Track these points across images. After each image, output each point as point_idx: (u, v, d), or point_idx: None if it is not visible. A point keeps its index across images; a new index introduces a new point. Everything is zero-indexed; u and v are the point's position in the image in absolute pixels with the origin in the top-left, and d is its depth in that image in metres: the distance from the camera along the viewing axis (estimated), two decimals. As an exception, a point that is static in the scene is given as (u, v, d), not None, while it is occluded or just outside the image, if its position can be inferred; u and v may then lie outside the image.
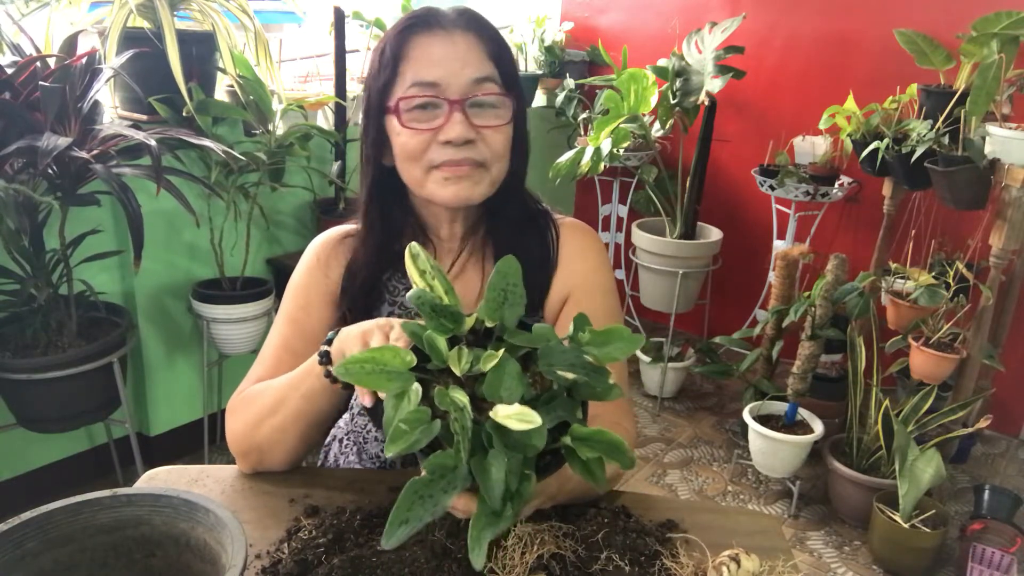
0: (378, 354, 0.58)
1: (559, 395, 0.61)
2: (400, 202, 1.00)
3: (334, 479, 0.94)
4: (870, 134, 2.32)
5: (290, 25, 2.80)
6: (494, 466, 0.55)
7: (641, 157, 2.97)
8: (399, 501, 0.54)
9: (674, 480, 2.44)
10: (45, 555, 0.64)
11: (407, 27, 0.91)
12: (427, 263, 0.67)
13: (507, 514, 0.55)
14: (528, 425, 0.54)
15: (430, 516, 0.54)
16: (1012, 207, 1.97)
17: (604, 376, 0.60)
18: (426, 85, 0.89)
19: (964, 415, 2.14)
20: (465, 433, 0.55)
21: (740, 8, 2.82)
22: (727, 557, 0.74)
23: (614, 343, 0.62)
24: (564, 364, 0.60)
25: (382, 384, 0.58)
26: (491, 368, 0.57)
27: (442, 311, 0.62)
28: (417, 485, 0.55)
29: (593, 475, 0.58)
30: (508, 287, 0.63)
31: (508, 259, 0.64)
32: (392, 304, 1.04)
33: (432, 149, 0.90)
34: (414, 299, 0.62)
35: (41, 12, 1.92)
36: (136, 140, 1.65)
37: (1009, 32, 1.94)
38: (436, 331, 0.61)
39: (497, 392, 0.57)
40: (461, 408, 0.56)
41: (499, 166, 0.94)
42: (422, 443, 0.56)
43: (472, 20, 0.92)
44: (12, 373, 1.73)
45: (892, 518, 1.99)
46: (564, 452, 0.59)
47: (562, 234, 1.04)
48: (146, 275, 2.15)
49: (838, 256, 2.18)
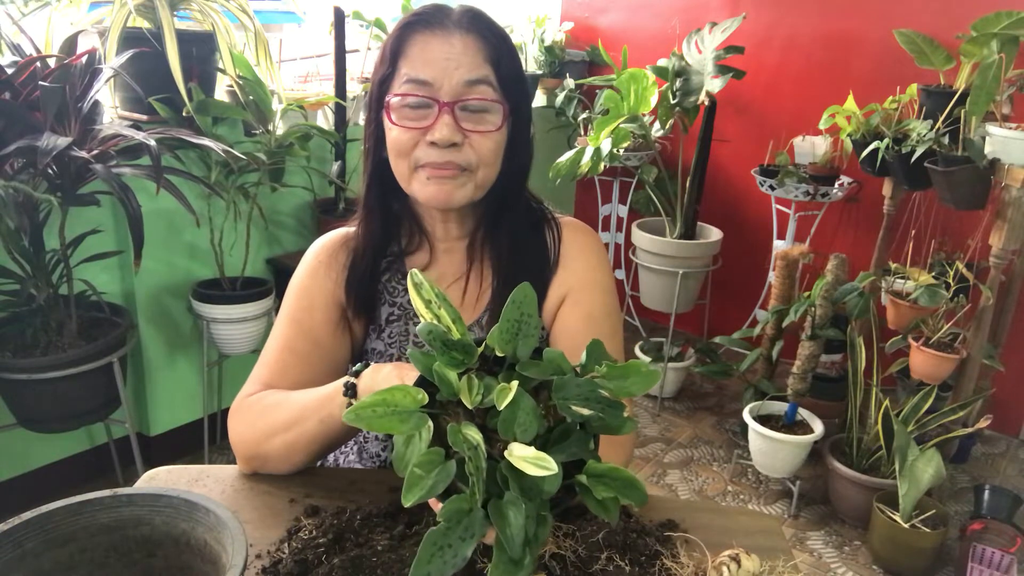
0: (388, 396, 0.57)
1: (573, 429, 0.59)
2: (398, 198, 1.01)
3: (334, 479, 0.94)
4: (870, 134, 2.32)
5: (290, 25, 2.80)
6: (512, 512, 0.53)
7: (641, 157, 2.97)
8: (419, 555, 0.52)
9: (674, 480, 2.44)
10: (45, 555, 0.64)
11: (408, 23, 0.91)
12: (431, 292, 0.65)
13: (526, 562, 0.54)
14: (544, 472, 0.52)
15: (452, 568, 0.53)
16: (1012, 207, 1.97)
17: (619, 411, 0.59)
18: (419, 83, 0.89)
19: (964, 415, 2.14)
20: (480, 474, 0.53)
21: (740, 8, 2.82)
22: (727, 557, 0.74)
23: (631, 377, 0.60)
24: (579, 399, 0.58)
25: (395, 427, 0.56)
26: (505, 405, 0.55)
27: (453, 345, 0.60)
28: (435, 536, 0.53)
29: (608, 512, 0.57)
30: (523, 318, 0.61)
31: (523, 287, 0.62)
32: (392, 305, 1.04)
33: (419, 148, 0.90)
34: (424, 334, 0.60)
35: (41, 12, 1.92)
36: (136, 140, 1.65)
37: (1009, 32, 1.94)
38: (447, 365, 0.59)
39: (511, 430, 0.56)
40: (475, 447, 0.54)
41: (486, 171, 0.93)
42: (439, 489, 0.54)
43: (475, 21, 0.91)
44: (12, 373, 1.73)
45: (892, 518, 1.99)
46: (579, 489, 0.58)
47: (564, 234, 1.04)
48: (146, 275, 2.15)
49: (838, 256, 2.18)
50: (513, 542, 0.53)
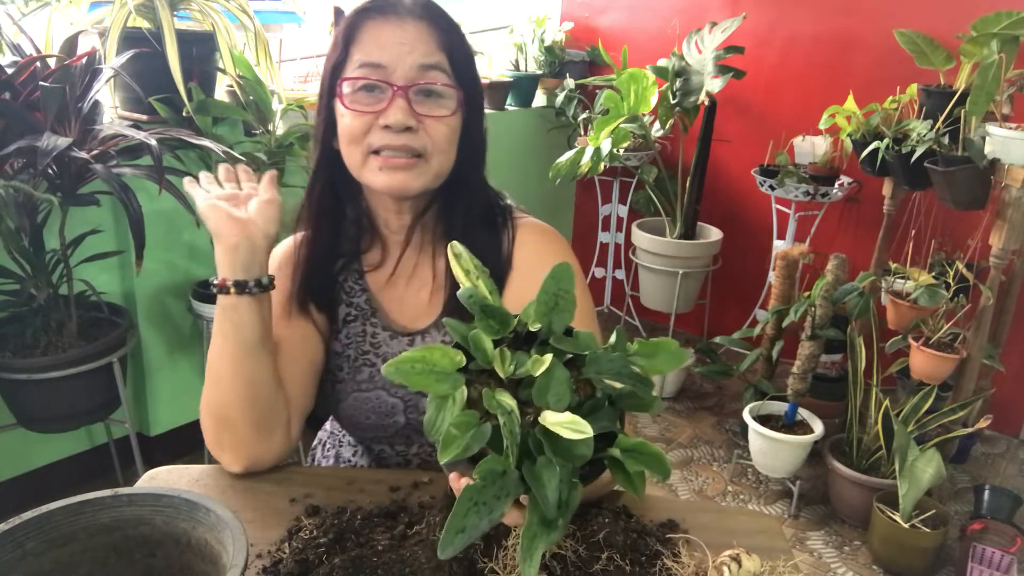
0: (428, 353, 0.58)
1: (601, 405, 0.61)
2: (349, 192, 0.99)
3: (334, 479, 0.94)
4: (870, 134, 2.32)
5: (290, 25, 2.80)
6: (546, 474, 0.55)
7: (641, 157, 2.97)
8: (455, 509, 0.53)
9: (674, 480, 2.44)
10: (46, 555, 0.64)
11: (361, 11, 0.91)
12: (470, 263, 0.67)
13: (560, 523, 0.55)
14: (579, 435, 0.53)
15: (487, 524, 0.54)
16: (1012, 207, 1.97)
17: (649, 387, 0.61)
18: (372, 67, 0.88)
19: (964, 415, 2.14)
20: (514, 438, 0.54)
21: (740, 8, 2.82)
22: (728, 557, 0.74)
23: (661, 355, 0.62)
24: (612, 373, 0.60)
25: (431, 385, 0.57)
26: (541, 373, 0.57)
27: (491, 312, 0.62)
28: (471, 492, 0.54)
29: (635, 487, 0.59)
30: (560, 293, 0.63)
31: (563, 266, 0.63)
32: (349, 305, 1.02)
33: (372, 132, 0.89)
34: (464, 297, 0.62)
35: (41, 12, 1.92)
36: (136, 140, 1.65)
37: (1009, 32, 1.94)
38: (484, 331, 0.61)
39: (545, 397, 0.57)
40: (509, 412, 0.55)
41: (440, 158, 0.92)
42: (473, 449, 0.55)
43: (427, 8, 0.91)
44: (12, 373, 1.73)
45: (892, 518, 1.99)
46: (608, 463, 0.60)
47: (519, 236, 1.00)
48: (146, 275, 2.14)
49: (838, 256, 2.18)
50: (548, 502, 0.54)
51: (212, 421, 0.92)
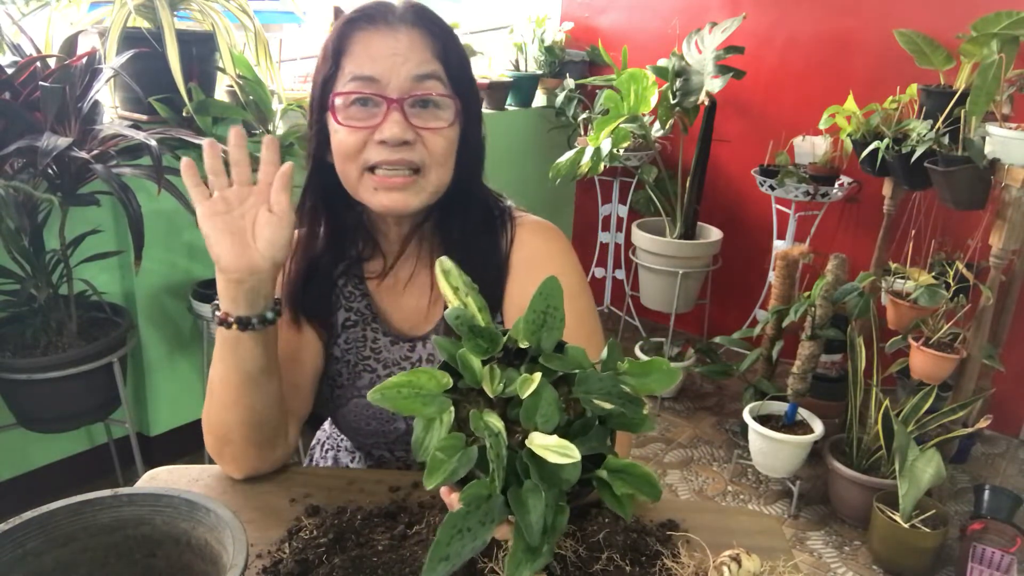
0: (414, 377, 0.57)
1: (591, 424, 0.59)
2: (347, 203, 0.95)
3: (334, 479, 0.94)
4: (870, 134, 2.32)
5: (290, 25, 2.80)
6: (531, 500, 0.54)
7: (641, 157, 2.97)
8: (439, 536, 0.52)
9: (674, 480, 2.44)
10: (46, 555, 0.64)
11: (350, 20, 0.87)
12: (459, 279, 0.65)
13: (544, 550, 0.54)
14: (566, 459, 0.52)
15: (471, 551, 0.53)
16: (1012, 207, 1.97)
17: (640, 407, 0.60)
18: (364, 80, 0.85)
19: (964, 415, 2.14)
20: (500, 461, 0.53)
21: (740, 8, 2.82)
22: (728, 557, 0.74)
23: (652, 374, 0.61)
24: (601, 393, 0.59)
25: (418, 408, 0.57)
26: (528, 394, 0.56)
27: (479, 332, 0.61)
28: (455, 519, 0.53)
29: (623, 508, 0.58)
30: (549, 310, 0.61)
31: (552, 279, 0.61)
32: (348, 310, 1.01)
33: (368, 148, 0.86)
34: (451, 319, 0.61)
35: (41, 12, 1.92)
36: (136, 140, 1.65)
37: (1009, 32, 1.94)
38: (472, 351, 0.59)
39: (533, 419, 0.56)
40: (496, 434, 0.54)
41: (439, 171, 0.88)
42: (460, 473, 0.54)
43: (419, 15, 0.87)
44: (12, 373, 1.73)
45: (892, 518, 1.99)
46: (597, 484, 0.59)
47: (518, 236, 0.97)
48: (146, 275, 2.15)
49: (838, 256, 2.18)
50: (532, 529, 0.53)
51: (213, 439, 0.91)
